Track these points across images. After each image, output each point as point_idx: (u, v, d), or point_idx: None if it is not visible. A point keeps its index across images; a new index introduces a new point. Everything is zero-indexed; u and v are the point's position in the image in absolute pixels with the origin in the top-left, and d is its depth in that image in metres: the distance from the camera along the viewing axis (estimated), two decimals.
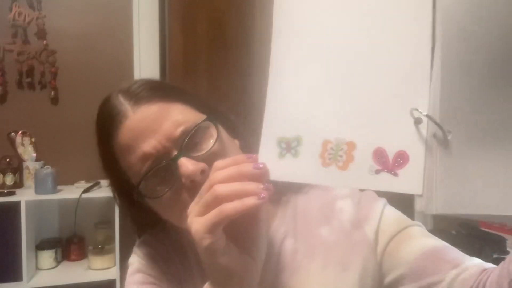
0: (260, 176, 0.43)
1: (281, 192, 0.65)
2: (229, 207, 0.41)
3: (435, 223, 1.86)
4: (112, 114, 0.56)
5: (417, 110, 0.37)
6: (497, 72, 0.35)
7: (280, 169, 0.42)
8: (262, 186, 0.42)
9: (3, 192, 1.80)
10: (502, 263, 0.44)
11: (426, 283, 0.52)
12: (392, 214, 0.60)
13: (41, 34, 2.02)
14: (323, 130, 0.40)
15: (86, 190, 1.87)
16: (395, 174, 0.37)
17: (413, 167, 0.37)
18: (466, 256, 0.54)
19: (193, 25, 2.14)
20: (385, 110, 0.39)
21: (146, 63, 2.12)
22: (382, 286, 0.58)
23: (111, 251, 1.88)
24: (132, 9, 2.12)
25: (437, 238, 0.58)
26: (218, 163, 0.45)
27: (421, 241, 0.56)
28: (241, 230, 0.46)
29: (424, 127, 0.37)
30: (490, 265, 0.51)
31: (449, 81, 0.36)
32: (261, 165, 0.43)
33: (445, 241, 0.57)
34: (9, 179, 1.90)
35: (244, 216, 0.42)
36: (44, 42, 2.03)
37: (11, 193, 1.80)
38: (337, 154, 0.39)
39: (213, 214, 0.42)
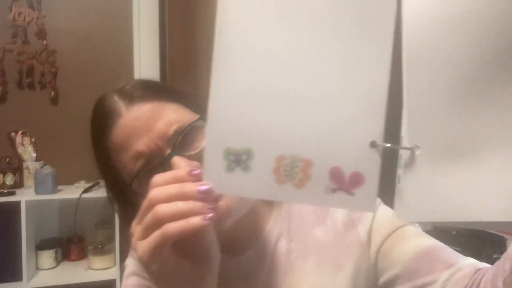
0: (205, 198, 0.39)
1: None
2: (172, 228, 0.38)
3: (435, 222, 1.85)
4: (107, 113, 0.57)
5: (373, 138, 0.37)
6: (466, 86, 0.35)
7: (229, 184, 0.39)
8: (209, 206, 0.39)
9: (3, 192, 1.80)
10: (497, 262, 0.44)
11: (420, 283, 0.52)
12: (386, 214, 0.60)
13: (41, 34, 2.03)
14: (277, 144, 0.38)
15: (86, 190, 1.87)
16: (351, 194, 0.37)
17: (367, 187, 0.37)
18: (461, 256, 0.54)
19: (193, 25, 2.14)
20: (341, 129, 0.38)
21: (146, 63, 2.12)
22: (376, 286, 0.58)
23: (111, 251, 1.88)
24: (132, 10, 2.12)
25: (431, 237, 0.58)
26: (156, 179, 0.41)
27: (415, 240, 0.56)
28: (190, 243, 0.43)
29: (380, 149, 0.37)
30: (484, 265, 0.51)
31: (416, 97, 0.36)
32: (206, 187, 0.39)
33: (445, 241, 0.57)
34: (9, 179, 1.90)
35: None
36: (44, 42, 2.03)
37: (11, 193, 1.80)
38: (293, 171, 0.38)
39: (155, 237, 0.39)
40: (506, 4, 0.34)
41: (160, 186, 0.40)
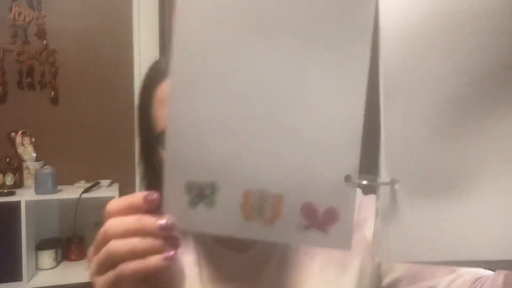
0: (165, 234, 0.36)
1: None
2: (128, 270, 0.35)
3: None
4: (157, 72, 0.61)
5: (347, 172, 0.35)
6: (448, 113, 0.33)
7: (192, 219, 0.36)
8: (169, 243, 0.35)
9: (3, 192, 1.80)
10: (496, 273, 0.44)
11: (421, 287, 0.52)
12: None
13: (41, 34, 2.02)
14: (244, 178, 0.35)
15: (86, 190, 1.87)
16: (325, 231, 0.35)
17: (343, 224, 0.35)
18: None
19: None
20: (314, 163, 0.35)
21: (146, 63, 2.12)
22: None
23: None
24: (132, 9, 2.12)
25: None
26: (111, 206, 0.37)
27: None
28: (151, 278, 0.39)
29: (355, 184, 0.35)
30: (486, 273, 0.50)
31: (394, 125, 0.34)
32: (167, 223, 0.35)
33: None
34: (9, 179, 1.90)
35: None
36: (44, 42, 2.03)
37: (11, 193, 1.80)
38: (262, 207, 0.35)
39: (111, 277, 0.36)
40: (494, 23, 0.32)
41: (116, 217, 0.36)
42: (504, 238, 0.33)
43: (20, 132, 1.97)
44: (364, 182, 0.34)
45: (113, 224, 0.36)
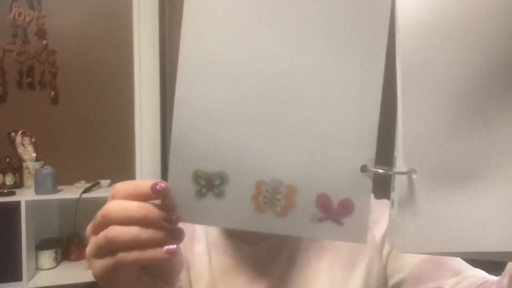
0: (169, 227, 0.34)
1: None
2: (127, 260, 0.34)
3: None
4: None
5: (364, 162, 0.34)
6: (467, 102, 0.33)
7: (199, 211, 0.34)
8: (173, 237, 0.34)
9: (3, 192, 1.80)
10: (501, 275, 0.44)
11: None
12: None
13: (41, 34, 2.02)
14: (256, 168, 0.34)
15: (86, 190, 1.87)
16: (340, 223, 0.34)
17: (358, 216, 0.34)
18: (469, 266, 0.54)
19: None
20: (329, 153, 0.34)
21: (146, 63, 2.12)
22: None
23: None
24: (132, 10, 2.12)
25: None
26: (118, 187, 0.36)
27: None
28: (150, 266, 0.39)
29: (371, 174, 0.34)
30: (492, 277, 0.50)
31: (412, 115, 0.33)
32: (172, 216, 0.34)
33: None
34: (9, 179, 1.90)
35: None
36: (44, 42, 2.03)
37: (11, 193, 1.80)
38: (275, 198, 0.34)
39: (109, 263, 0.34)
40: (508, 16, 0.32)
41: (120, 200, 0.35)
42: None
43: (20, 132, 1.97)
44: (381, 171, 0.34)
45: (115, 207, 0.34)
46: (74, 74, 2.08)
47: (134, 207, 0.34)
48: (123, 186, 0.35)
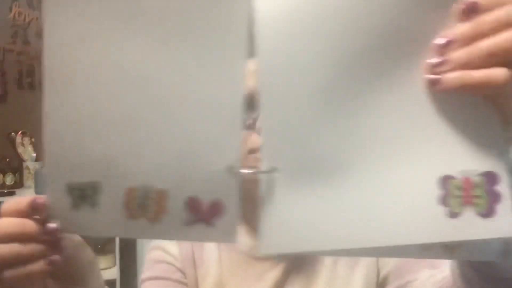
0: (50, 239, 0.35)
1: None
2: (10, 277, 0.34)
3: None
4: None
5: (229, 162, 0.34)
6: (321, 100, 0.33)
7: (77, 221, 0.34)
8: (55, 247, 0.34)
9: (3, 192, 1.80)
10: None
11: (405, 281, 0.54)
12: None
13: (41, 34, 2.02)
14: (125, 175, 0.34)
15: None
16: (210, 224, 0.34)
17: (228, 216, 0.34)
18: (450, 262, 0.55)
19: None
20: (195, 155, 0.34)
21: None
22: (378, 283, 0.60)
23: (111, 251, 1.88)
24: None
25: None
26: (4, 206, 0.36)
27: None
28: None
29: (237, 175, 0.34)
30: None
31: (271, 112, 0.33)
32: (50, 227, 0.34)
33: None
34: (9, 179, 1.90)
35: None
36: None
37: (11, 193, 1.80)
38: (146, 204, 0.34)
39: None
40: (365, 5, 0.32)
41: (2, 218, 0.35)
42: (387, 224, 0.32)
43: (20, 132, 1.97)
44: (246, 171, 0.33)
45: None
46: None
47: (13, 224, 0.34)
48: (7, 204, 0.36)
